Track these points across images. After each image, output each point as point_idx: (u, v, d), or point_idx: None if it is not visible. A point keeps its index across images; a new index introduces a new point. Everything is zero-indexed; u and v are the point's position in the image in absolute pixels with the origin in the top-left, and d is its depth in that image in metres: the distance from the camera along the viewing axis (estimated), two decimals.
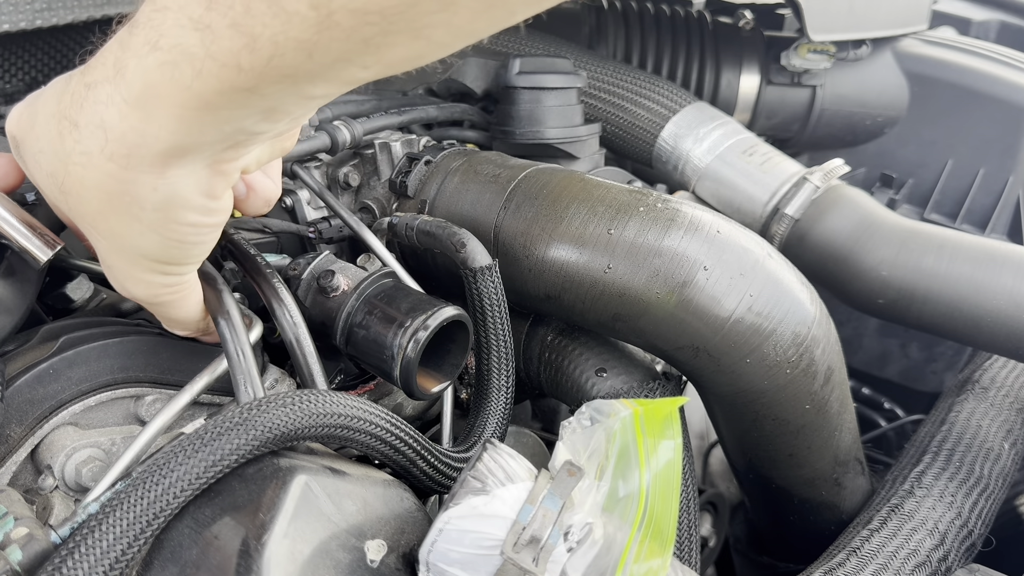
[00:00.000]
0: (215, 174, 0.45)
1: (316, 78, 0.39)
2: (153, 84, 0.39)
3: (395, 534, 0.47)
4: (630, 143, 1.09)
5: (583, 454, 0.49)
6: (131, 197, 0.43)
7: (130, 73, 0.39)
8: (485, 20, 0.37)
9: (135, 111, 0.40)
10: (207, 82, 0.38)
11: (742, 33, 1.19)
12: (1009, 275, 0.83)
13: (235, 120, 0.41)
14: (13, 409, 0.51)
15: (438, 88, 1.06)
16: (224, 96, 0.38)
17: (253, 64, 0.37)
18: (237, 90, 0.38)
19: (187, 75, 0.38)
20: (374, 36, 0.36)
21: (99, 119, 0.41)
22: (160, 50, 0.38)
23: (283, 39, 0.36)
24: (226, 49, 0.36)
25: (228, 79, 0.37)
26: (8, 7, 0.65)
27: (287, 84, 0.39)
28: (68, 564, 0.39)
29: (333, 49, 0.36)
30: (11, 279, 0.55)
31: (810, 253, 0.96)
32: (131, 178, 0.42)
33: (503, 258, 0.70)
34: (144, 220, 0.44)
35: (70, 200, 0.45)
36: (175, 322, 0.56)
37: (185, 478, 0.42)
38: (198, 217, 0.46)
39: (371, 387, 0.76)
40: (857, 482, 0.83)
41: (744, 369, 0.66)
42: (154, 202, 0.44)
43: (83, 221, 0.46)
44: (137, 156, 0.41)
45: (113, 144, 0.41)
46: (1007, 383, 0.94)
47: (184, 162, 0.42)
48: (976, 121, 1.21)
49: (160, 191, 0.43)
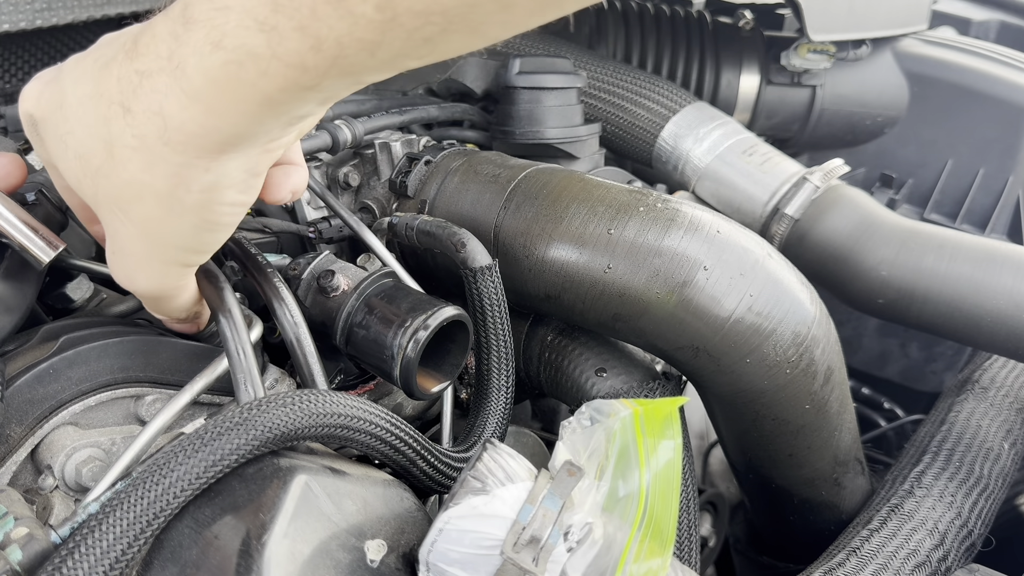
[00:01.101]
0: (263, 153, 0.46)
1: (375, 72, 0.40)
2: (216, 81, 0.39)
3: (395, 534, 0.47)
4: (630, 143, 1.09)
5: (583, 454, 0.49)
6: (180, 179, 0.44)
7: (191, 69, 0.39)
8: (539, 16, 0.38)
9: (196, 104, 0.40)
10: (272, 81, 0.38)
11: (742, 33, 1.19)
12: (1009, 275, 0.83)
13: (294, 111, 0.42)
14: (13, 409, 0.51)
15: (438, 88, 1.06)
16: (287, 93, 0.40)
17: (318, 64, 0.38)
18: (301, 88, 0.39)
19: (252, 74, 0.38)
20: (435, 35, 0.37)
21: (157, 107, 0.41)
22: (224, 49, 0.38)
23: (348, 40, 0.36)
24: (292, 50, 0.37)
25: (293, 78, 0.38)
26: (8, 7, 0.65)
27: (348, 79, 0.40)
28: (68, 564, 0.39)
29: (395, 48, 0.37)
30: (11, 279, 0.55)
31: (810, 253, 0.96)
32: (186, 162, 0.43)
33: (503, 258, 0.70)
34: (186, 202, 0.45)
35: (105, 182, 0.45)
36: (167, 311, 0.56)
37: (185, 478, 0.42)
38: (237, 195, 0.47)
39: (371, 387, 0.76)
40: (857, 482, 0.83)
41: (744, 369, 0.66)
42: (202, 184, 0.44)
43: (114, 204, 0.46)
44: (195, 144, 0.42)
45: (172, 132, 0.42)
46: (1007, 383, 0.94)
47: (240, 148, 0.43)
48: (976, 121, 1.21)
49: (211, 172, 0.44)
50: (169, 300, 0.54)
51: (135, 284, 0.51)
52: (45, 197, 0.58)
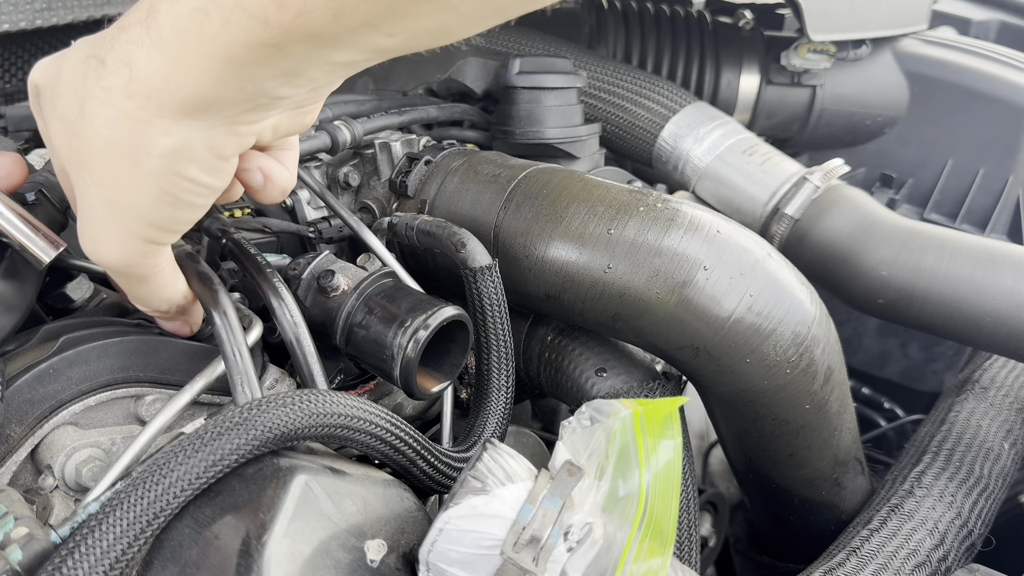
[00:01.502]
0: (229, 133, 0.45)
1: (341, 42, 0.40)
2: (182, 29, 0.40)
3: (395, 534, 0.47)
4: (630, 143, 1.09)
5: (583, 454, 0.49)
6: (141, 139, 0.43)
7: (161, 17, 0.40)
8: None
9: (162, 54, 0.41)
10: (234, 33, 0.39)
11: (742, 33, 1.19)
12: (1009, 275, 0.83)
13: (258, 79, 0.42)
14: (13, 409, 0.51)
15: (438, 88, 1.06)
16: (250, 50, 0.39)
17: (280, 20, 0.38)
18: (263, 45, 0.39)
19: (216, 23, 0.39)
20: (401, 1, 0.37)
21: (127, 57, 0.42)
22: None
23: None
24: (255, 1, 0.37)
25: (255, 32, 0.38)
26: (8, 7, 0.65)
27: (312, 45, 0.40)
28: (68, 564, 0.39)
29: (360, 11, 0.37)
30: (12, 279, 0.55)
31: (810, 253, 0.96)
32: (146, 119, 0.43)
33: (503, 258, 0.70)
34: (147, 167, 0.44)
35: (75, 140, 0.45)
36: (142, 299, 0.55)
37: (185, 478, 0.42)
38: (200, 174, 0.46)
39: (371, 387, 0.76)
40: (857, 482, 0.83)
41: (744, 369, 0.66)
42: (162, 148, 0.44)
43: (81, 164, 0.46)
44: (157, 99, 0.42)
45: (136, 83, 0.42)
46: (1007, 383, 0.94)
47: (203, 116, 0.43)
48: (976, 121, 1.21)
49: (172, 136, 0.43)
50: (140, 282, 0.52)
51: (99, 253, 0.50)
52: (45, 197, 0.58)
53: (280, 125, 0.49)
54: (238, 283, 0.68)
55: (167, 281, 0.54)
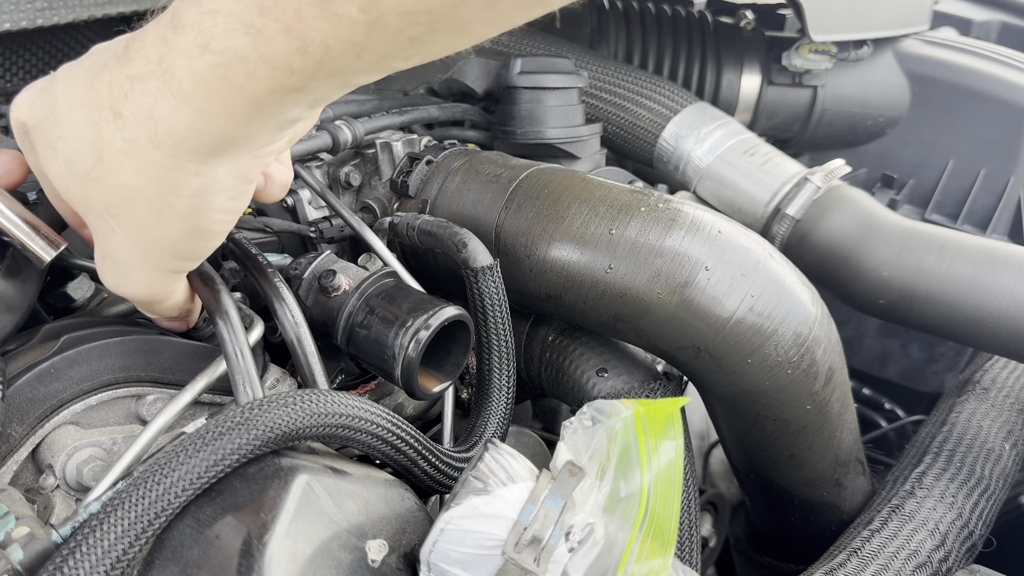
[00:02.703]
0: (254, 159, 0.46)
1: (361, 74, 0.40)
2: (204, 83, 0.39)
3: (396, 534, 0.47)
4: (631, 143, 1.09)
5: (584, 454, 0.49)
6: (170, 184, 0.44)
7: (179, 72, 0.40)
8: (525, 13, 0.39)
9: (185, 106, 0.41)
10: (259, 83, 0.39)
11: (743, 33, 1.19)
12: (1010, 276, 0.83)
13: (283, 115, 0.42)
14: (14, 408, 0.51)
15: (439, 88, 1.06)
16: (275, 95, 0.40)
17: (304, 66, 0.38)
18: (288, 90, 0.39)
19: (239, 77, 0.39)
20: (420, 35, 0.37)
21: (148, 110, 0.42)
22: (211, 52, 0.38)
23: (333, 42, 0.37)
24: (278, 52, 0.37)
25: (280, 80, 0.39)
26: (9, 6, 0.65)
27: (335, 81, 0.40)
28: (69, 563, 0.39)
29: (380, 48, 0.38)
30: (13, 278, 0.55)
31: (811, 253, 0.96)
32: (175, 166, 0.43)
33: (504, 258, 0.70)
34: (177, 208, 0.45)
35: (94, 187, 0.45)
36: (158, 312, 0.56)
37: (186, 477, 0.42)
38: (228, 202, 0.47)
39: (372, 387, 0.76)
40: (858, 483, 0.83)
41: (745, 369, 0.66)
42: (192, 188, 0.44)
43: (104, 210, 0.46)
44: (185, 148, 0.42)
45: (162, 135, 0.42)
46: (1008, 384, 0.94)
47: (230, 153, 0.44)
48: (977, 122, 1.21)
49: (202, 177, 0.44)
50: (160, 303, 0.54)
51: (125, 290, 0.51)
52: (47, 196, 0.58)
53: (295, 136, 0.50)
54: (239, 283, 0.68)
55: (182, 295, 0.55)
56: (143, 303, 0.54)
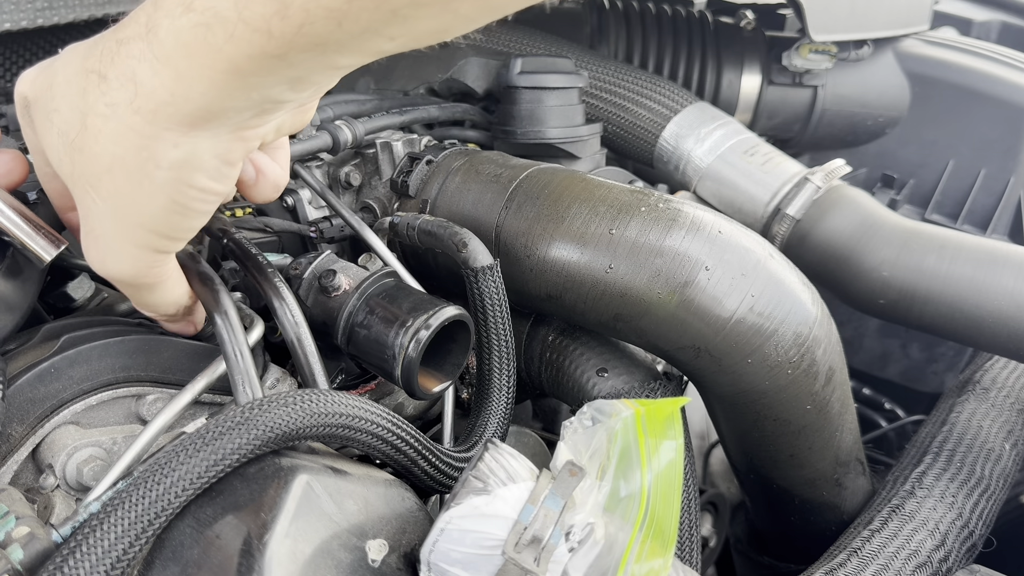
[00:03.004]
0: (236, 140, 0.45)
1: (344, 48, 0.40)
2: (186, 44, 0.39)
3: (396, 534, 0.47)
4: (631, 143, 1.09)
5: (584, 454, 0.49)
6: (149, 152, 0.43)
7: (163, 32, 0.40)
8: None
9: (167, 68, 0.40)
10: (238, 46, 0.39)
11: (743, 33, 1.19)
12: (1010, 276, 0.83)
13: (263, 87, 0.42)
14: (14, 408, 0.51)
15: (439, 88, 1.06)
16: (254, 61, 0.39)
17: (284, 31, 0.38)
18: (267, 56, 0.39)
19: (219, 37, 0.39)
20: (402, 7, 0.37)
21: (131, 72, 0.41)
22: (194, 11, 0.38)
23: (313, 6, 0.37)
24: (258, 14, 0.37)
25: (259, 44, 0.38)
26: (9, 5, 0.65)
27: (316, 53, 0.40)
28: (69, 563, 0.39)
29: (362, 19, 0.37)
30: (13, 277, 0.55)
31: (811, 253, 0.96)
32: (154, 133, 0.43)
33: (504, 258, 0.70)
34: (156, 179, 0.44)
35: (79, 156, 0.45)
36: (151, 305, 0.55)
37: (187, 477, 0.42)
38: (209, 182, 0.46)
39: (372, 387, 0.76)
40: (858, 482, 0.83)
41: (745, 369, 0.66)
42: (171, 160, 0.44)
43: (86, 180, 0.46)
44: (164, 113, 0.42)
45: (142, 98, 0.42)
46: (1008, 384, 0.94)
47: (210, 126, 0.43)
48: (977, 122, 1.21)
49: (180, 148, 0.44)
50: (148, 291, 0.53)
51: (107, 267, 0.50)
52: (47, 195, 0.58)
53: (283, 125, 0.50)
54: (239, 283, 0.68)
55: (174, 286, 0.54)
56: (129, 287, 0.52)
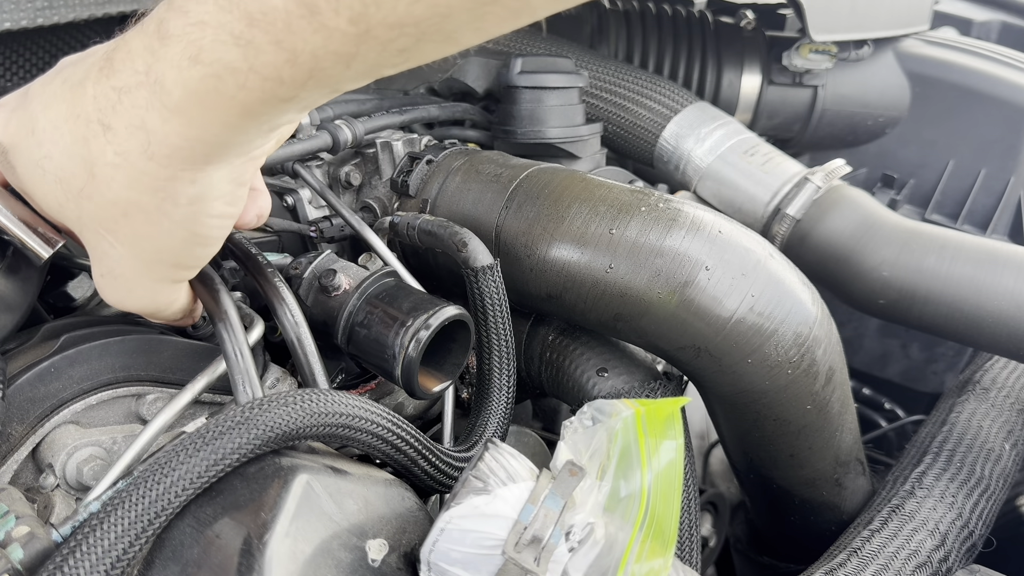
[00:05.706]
0: (247, 162, 0.46)
1: (351, 81, 0.41)
2: (196, 93, 0.39)
3: (396, 533, 0.47)
4: (631, 143, 1.09)
5: (585, 454, 0.49)
6: (166, 192, 0.44)
7: (169, 83, 0.39)
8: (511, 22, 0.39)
9: (177, 117, 0.40)
10: (251, 94, 0.39)
11: (744, 33, 1.19)
12: (1010, 276, 0.83)
13: (275, 121, 0.43)
14: (14, 407, 0.51)
15: (440, 87, 1.06)
16: (266, 105, 0.40)
17: (295, 77, 0.38)
18: (279, 100, 0.40)
19: (231, 87, 0.39)
20: (409, 46, 0.37)
21: (139, 121, 0.41)
22: (201, 64, 0.38)
23: (323, 53, 0.37)
24: (268, 64, 0.37)
25: (271, 90, 0.39)
26: (9, 5, 0.65)
27: (325, 90, 0.41)
28: (69, 563, 0.39)
29: (370, 58, 0.38)
30: (13, 277, 0.55)
31: (811, 253, 0.96)
32: (171, 175, 0.43)
33: (504, 257, 0.70)
34: (174, 216, 0.45)
35: (89, 204, 0.45)
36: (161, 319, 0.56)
37: (187, 477, 0.42)
38: (225, 207, 0.47)
39: (372, 386, 0.76)
40: (858, 482, 0.83)
41: (745, 369, 0.66)
42: (189, 196, 0.44)
43: (100, 225, 0.46)
44: (179, 156, 0.42)
45: (156, 145, 0.42)
46: (1008, 384, 0.94)
47: (224, 158, 0.44)
48: (977, 122, 1.21)
49: (198, 184, 0.44)
50: (164, 312, 0.54)
51: (127, 304, 0.51)
52: None
53: (282, 137, 0.50)
54: (239, 282, 0.68)
55: (184, 300, 0.55)
56: (148, 314, 0.54)
